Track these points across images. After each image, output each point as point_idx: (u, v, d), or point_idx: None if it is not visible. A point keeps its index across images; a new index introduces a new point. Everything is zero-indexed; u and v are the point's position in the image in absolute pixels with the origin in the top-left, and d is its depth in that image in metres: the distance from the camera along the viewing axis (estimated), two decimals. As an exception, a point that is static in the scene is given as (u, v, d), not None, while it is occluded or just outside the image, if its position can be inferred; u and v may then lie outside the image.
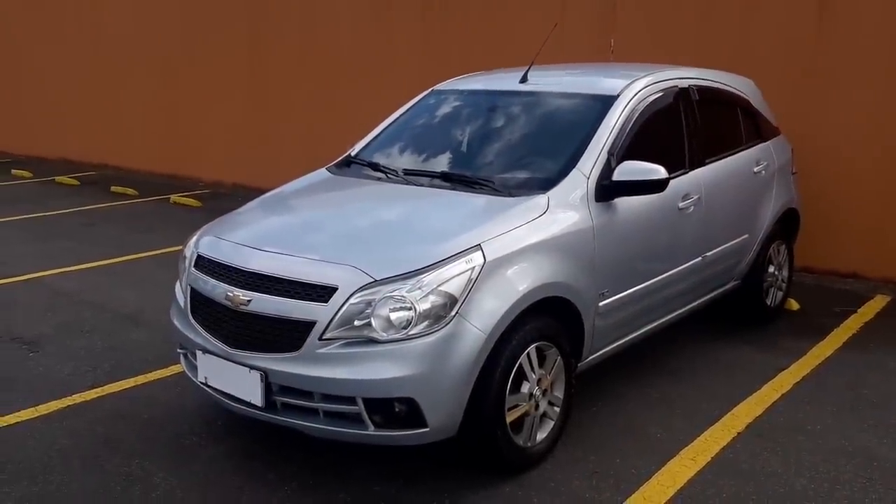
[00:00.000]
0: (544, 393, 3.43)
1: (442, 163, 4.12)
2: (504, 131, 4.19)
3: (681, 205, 4.20)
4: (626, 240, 3.86)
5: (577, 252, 3.57)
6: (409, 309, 2.98)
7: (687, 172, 4.33)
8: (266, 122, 10.14)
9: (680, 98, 4.44)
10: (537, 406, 3.39)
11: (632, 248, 3.90)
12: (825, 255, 6.29)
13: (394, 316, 2.99)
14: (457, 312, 3.04)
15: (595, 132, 3.88)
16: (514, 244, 3.30)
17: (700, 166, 4.44)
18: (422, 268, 3.07)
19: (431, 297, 3.01)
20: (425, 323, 2.99)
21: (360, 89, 8.98)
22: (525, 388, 3.31)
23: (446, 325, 3.01)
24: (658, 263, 4.14)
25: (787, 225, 5.39)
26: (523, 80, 4.42)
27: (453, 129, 4.42)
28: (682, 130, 4.41)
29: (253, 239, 3.49)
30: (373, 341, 2.99)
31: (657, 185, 3.72)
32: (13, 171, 12.17)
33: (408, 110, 4.71)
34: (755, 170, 4.97)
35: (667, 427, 3.83)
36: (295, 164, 5.96)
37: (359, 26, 9.02)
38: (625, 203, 3.81)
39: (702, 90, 4.63)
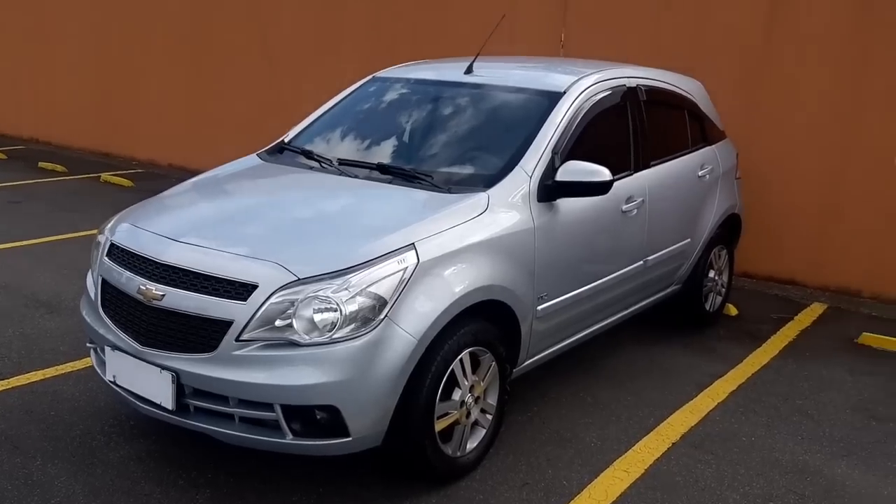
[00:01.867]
0: (477, 400, 3.28)
1: (379, 154, 3.92)
2: (445, 124, 4.02)
3: (624, 207, 4.10)
4: (568, 242, 3.73)
5: (517, 254, 3.42)
6: (335, 310, 2.80)
7: (632, 174, 4.23)
8: (206, 100, 9.77)
9: (627, 97, 4.33)
10: (469, 414, 3.24)
11: (573, 251, 3.78)
12: (764, 261, 6.30)
13: (318, 317, 2.80)
14: (386, 315, 2.86)
15: (540, 129, 3.74)
16: (450, 244, 3.14)
17: (645, 168, 4.34)
18: (350, 267, 2.88)
19: (359, 299, 2.83)
20: (351, 326, 2.81)
21: (307, 71, 8.70)
22: (457, 395, 3.15)
23: (374, 328, 2.83)
24: (599, 267, 4.03)
25: (728, 230, 5.35)
26: (468, 71, 4.25)
27: (393, 118, 4.22)
28: (629, 131, 4.30)
29: (169, 228, 3.24)
30: (294, 344, 2.80)
31: (601, 188, 3.59)
32: (-66, 142, 11.55)
33: (347, 97, 4.50)
34: (700, 174, 4.90)
35: (601, 435, 3.73)
36: (234, 147, 5.69)
37: (307, 4, 8.73)
38: (567, 204, 3.68)
39: (650, 90, 4.53)
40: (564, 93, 3.93)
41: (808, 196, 6.10)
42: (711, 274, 5.19)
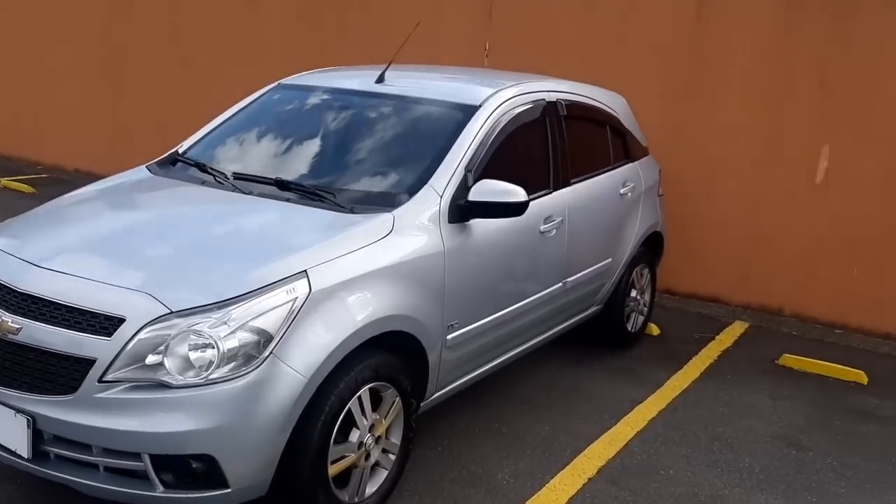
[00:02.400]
0: (378, 440, 3.01)
1: (278, 168, 3.60)
2: (351, 137, 3.74)
3: (542, 228, 3.90)
4: (481, 266, 3.51)
5: (425, 280, 3.18)
6: (212, 347, 2.50)
7: (550, 193, 4.04)
8: (118, 102, 9.24)
9: (547, 112, 4.14)
10: (368, 456, 2.97)
11: (487, 275, 3.56)
12: (687, 278, 6.22)
13: (193, 356, 2.50)
14: (271, 352, 2.57)
15: (452, 145, 3.50)
16: (348, 271, 2.87)
17: (565, 186, 4.16)
18: (230, 298, 2.58)
19: (240, 334, 2.54)
20: (231, 365, 2.52)
21: (223, 74, 8.29)
22: (354, 436, 2.88)
23: (257, 367, 2.54)
24: (515, 290, 3.82)
25: (651, 248, 5.23)
26: (380, 80, 4.00)
27: (296, 130, 3.92)
28: (548, 147, 4.11)
29: (32, 251, 2.87)
30: (165, 386, 2.49)
31: (516, 209, 3.38)
32: None
33: (248, 105, 4.18)
34: (621, 191, 4.75)
35: (514, 471, 3.51)
36: (146, 152, 5.27)
37: (224, 5, 8.34)
38: (481, 225, 3.45)
39: (570, 105, 4.35)
40: (480, 106, 3.71)
41: (730, 213, 6.05)
42: (633, 293, 5.06)
